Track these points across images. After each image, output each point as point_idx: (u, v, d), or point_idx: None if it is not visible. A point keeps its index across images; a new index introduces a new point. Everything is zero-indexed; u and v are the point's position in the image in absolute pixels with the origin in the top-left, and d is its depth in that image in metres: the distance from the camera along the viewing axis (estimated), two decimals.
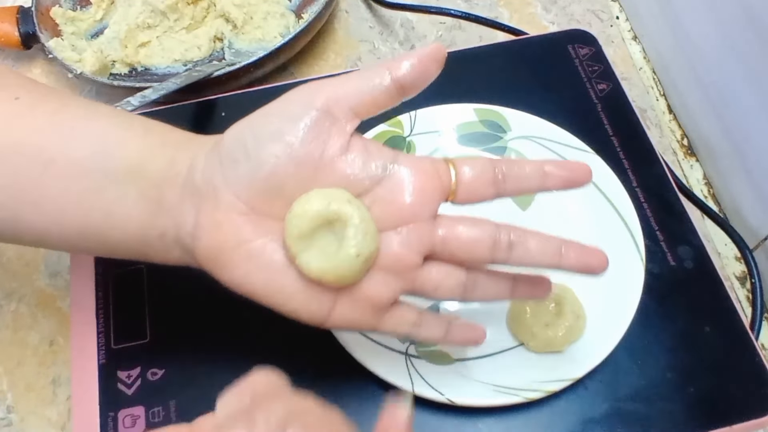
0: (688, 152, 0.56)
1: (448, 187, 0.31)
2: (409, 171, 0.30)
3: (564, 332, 0.38)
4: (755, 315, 0.44)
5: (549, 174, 0.32)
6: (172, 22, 0.59)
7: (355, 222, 0.29)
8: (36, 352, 0.47)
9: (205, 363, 0.41)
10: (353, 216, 0.29)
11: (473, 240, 0.31)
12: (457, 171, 0.31)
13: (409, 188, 0.30)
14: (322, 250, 0.29)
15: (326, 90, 0.30)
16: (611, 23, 0.62)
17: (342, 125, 0.30)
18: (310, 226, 0.29)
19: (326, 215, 0.29)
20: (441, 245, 0.31)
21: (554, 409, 0.38)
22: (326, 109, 0.29)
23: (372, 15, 0.63)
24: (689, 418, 0.38)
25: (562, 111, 0.48)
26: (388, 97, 0.30)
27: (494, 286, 0.33)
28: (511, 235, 0.31)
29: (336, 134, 0.30)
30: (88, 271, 0.44)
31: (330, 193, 0.29)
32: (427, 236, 0.31)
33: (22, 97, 0.32)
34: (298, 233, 0.29)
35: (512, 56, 0.52)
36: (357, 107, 0.30)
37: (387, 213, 0.30)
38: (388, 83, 0.30)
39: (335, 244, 0.29)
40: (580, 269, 0.32)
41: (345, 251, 0.29)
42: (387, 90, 0.30)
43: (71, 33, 0.59)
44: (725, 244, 0.51)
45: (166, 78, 0.53)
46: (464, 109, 0.48)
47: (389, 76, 0.30)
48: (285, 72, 0.59)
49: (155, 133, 0.33)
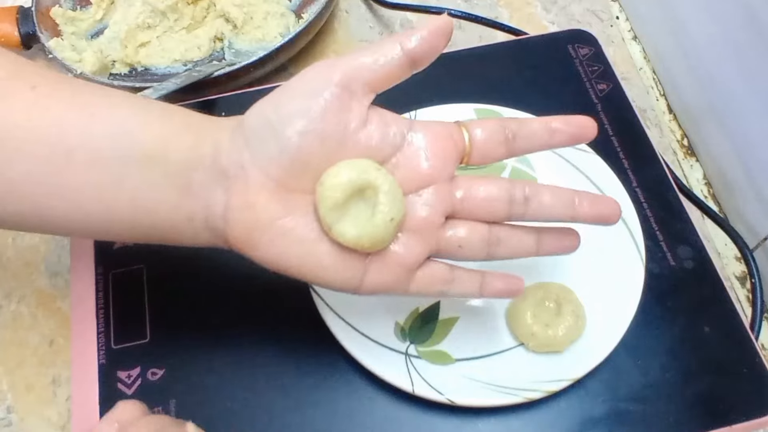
0: (688, 152, 0.56)
1: (462, 149, 0.32)
2: (425, 136, 0.32)
3: (564, 332, 0.38)
4: (755, 315, 0.44)
5: (556, 130, 0.33)
6: (172, 22, 0.59)
7: (385, 189, 0.30)
8: (36, 352, 0.47)
9: (205, 363, 0.41)
10: (383, 183, 0.30)
11: (491, 197, 0.32)
12: (469, 133, 0.32)
13: (427, 153, 0.32)
14: (356, 218, 0.30)
15: (342, 66, 0.31)
16: (611, 23, 0.62)
17: (360, 99, 0.31)
18: (342, 196, 0.30)
19: (357, 184, 0.30)
20: (460, 204, 0.32)
21: (554, 409, 0.38)
22: (344, 84, 0.30)
23: (372, 15, 0.63)
24: (689, 418, 0.38)
25: (562, 111, 0.47)
26: (400, 70, 0.31)
27: (519, 240, 0.33)
28: (526, 190, 0.33)
29: (356, 108, 0.31)
30: (88, 271, 0.44)
31: (357, 163, 0.30)
32: (447, 196, 0.32)
33: (39, 86, 0.32)
34: (332, 204, 0.30)
35: (512, 56, 0.52)
36: (372, 81, 0.31)
37: (408, 178, 0.31)
38: (400, 56, 0.31)
39: (368, 211, 0.30)
40: (594, 219, 0.33)
41: (380, 217, 0.30)
42: (399, 63, 0.31)
43: (71, 33, 0.59)
44: (725, 244, 0.51)
45: (166, 78, 0.53)
46: (464, 109, 0.48)
47: (400, 49, 0.31)
48: (285, 72, 0.59)
49: (175, 117, 0.33)
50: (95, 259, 0.44)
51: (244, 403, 0.39)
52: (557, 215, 0.33)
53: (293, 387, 0.39)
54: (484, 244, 0.33)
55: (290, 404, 0.39)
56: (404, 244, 0.31)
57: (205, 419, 0.38)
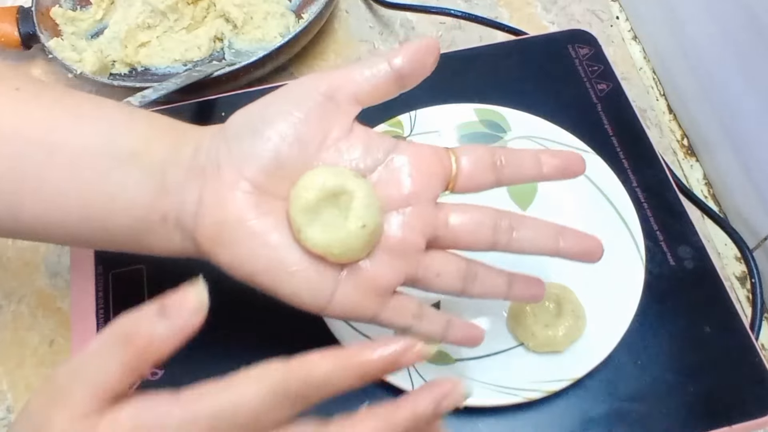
0: (688, 152, 0.56)
1: (449, 173, 0.32)
2: (410, 156, 0.31)
3: (564, 332, 0.38)
4: (755, 315, 0.44)
5: (545, 163, 0.33)
6: (172, 22, 0.59)
7: (360, 195, 0.29)
8: (36, 352, 0.47)
9: (205, 363, 0.40)
10: (358, 189, 0.29)
11: (476, 223, 0.32)
12: (457, 159, 0.32)
13: (410, 171, 0.31)
14: (327, 224, 0.29)
15: (329, 78, 0.31)
16: (611, 23, 0.62)
17: (345, 110, 0.31)
18: (315, 198, 0.29)
19: (332, 188, 0.29)
20: (444, 229, 0.32)
21: (554, 409, 0.38)
22: (330, 94, 0.30)
23: (372, 15, 0.63)
24: (689, 418, 0.38)
25: (562, 111, 0.48)
26: (388, 86, 0.31)
27: (493, 280, 0.33)
28: (511, 221, 0.32)
29: (339, 118, 0.31)
30: (88, 271, 0.44)
31: (336, 168, 0.30)
32: (429, 219, 0.31)
33: (22, 88, 0.32)
34: (304, 205, 0.29)
35: (512, 56, 0.52)
36: (359, 94, 0.31)
37: (389, 194, 0.31)
38: (387, 71, 0.31)
39: (340, 218, 0.29)
40: (577, 255, 0.33)
41: (351, 222, 0.29)
42: (386, 78, 0.31)
43: (71, 33, 0.59)
44: (725, 244, 0.51)
45: (166, 78, 0.53)
46: (464, 109, 0.48)
47: (387, 65, 0.31)
48: (285, 72, 0.59)
49: (161, 120, 0.33)
50: (95, 259, 0.44)
51: None
52: (540, 249, 0.33)
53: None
54: (461, 277, 0.32)
55: None
56: (380, 263, 0.30)
57: None
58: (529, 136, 0.47)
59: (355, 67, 0.31)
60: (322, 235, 0.29)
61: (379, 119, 0.47)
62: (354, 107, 0.31)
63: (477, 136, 0.47)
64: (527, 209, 0.45)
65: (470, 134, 0.47)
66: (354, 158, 0.31)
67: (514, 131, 0.47)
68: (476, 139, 0.47)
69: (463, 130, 0.47)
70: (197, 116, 0.50)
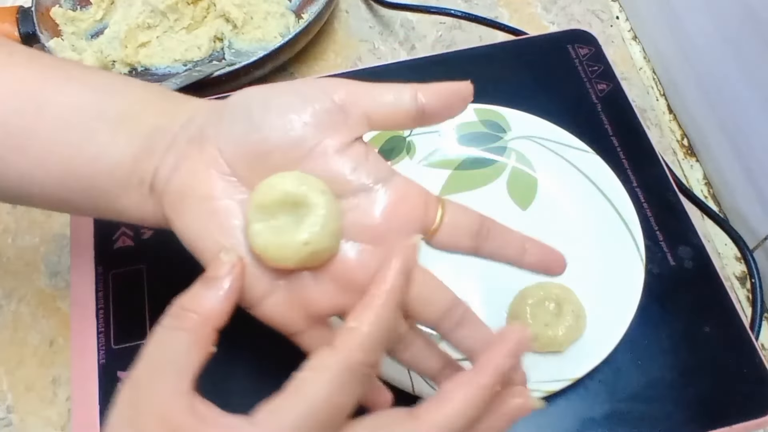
0: (688, 152, 0.56)
1: (430, 222, 0.30)
2: (396, 193, 0.30)
3: (564, 332, 0.38)
4: (755, 315, 0.44)
5: (527, 251, 0.31)
6: (172, 22, 0.59)
7: (318, 212, 0.28)
8: (36, 352, 0.47)
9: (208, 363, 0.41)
10: (320, 205, 0.28)
11: (434, 293, 0.30)
12: (444, 213, 0.30)
13: (390, 208, 0.29)
14: (277, 227, 0.28)
15: (348, 86, 0.30)
16: (611, 23, 0.62)
17: (351, 125, 0.29)
18: (274, 199, 0.28)
19: (294, 195, 0.28)
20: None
21: (554, 409, 0.38)
22: (342, 103, 0.29)
23: (372, 15, 0.63)
24: (689, 418, 0.38)
25: (562, 111, 0.48)
26: (406, 117, 0.30)
27: (426, 356, 0.31)
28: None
29: (342, 131, 0.29)
30: (88, 271, 0.44)
31: (308, 178, 0.28)
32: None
33: (16, 53, 0.32)
34: (260, 202, 0.28)
35: (512, 56, 0.52)
36: (372, 114, 0.29)
37: (358, 224, 0.29)
38: (410, 104, 0.29)
39: (292, 226, 0.28)
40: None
41: (297, 234, 0.28)
42: (406, 110, 0.29)
43: (71, 33, 0.59)
44: (725, 244, 0.51)
45: (166, 78, 0.53)
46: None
47: (413, 96, 0.29)
48: (285, 72, 0.59)
49: (157, 89, 0.33)
50: (95, 259, 0.44)
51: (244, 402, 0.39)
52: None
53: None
54: (394, 340, 0.30)
55: None
56: (320, 288, 0.29)
57: None
58: (529, 136, 0.47)
59: (379, 87, 0.30)
60: (265, 236, 0.28)
61: None
62: (362, 126, 0.30)
63: (477, 136, 0.47)
64: (527, 209, 0.44)
65: (470, 134, 0.47)
66: (338, 174, 0.29)
67: (514, 131, 0.47)
68: (476, 139, 0.47)
69: (463, 130, 0.47)
70: None
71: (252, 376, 0.40)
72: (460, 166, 0.46)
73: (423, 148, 0.47)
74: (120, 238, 0.45)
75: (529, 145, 0.46)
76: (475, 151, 0.47)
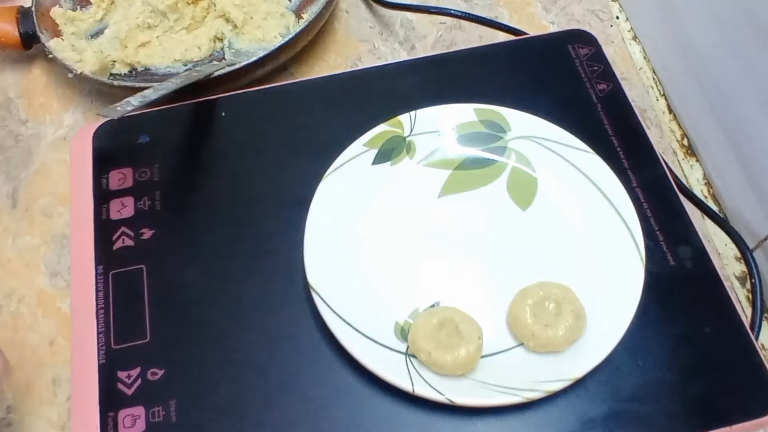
0: (688, 152, 0.56)
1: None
2: None
3: (564, 332, 0.38)
4: (755, 315, 0.44)
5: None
6: (172, 22, 0.59)
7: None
8: (36, 352, 0.47)
9: (205, 363, 0.41)
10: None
11: None
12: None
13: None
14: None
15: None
16: (611, 23, 0.62)
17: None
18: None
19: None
20: None
21: (554, 409, 0.38)
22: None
23: (372, 15, 0.63)
24: (689, 418, 0.38)
25: (562, 111, 0.48)
26: None
27: None
28: None
29: None
30: (88, 271, 0.44)
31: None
32: None
33: None
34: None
35: (512, 56, 0.52)
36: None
37: None
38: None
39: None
40: None
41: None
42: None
43: (71, 33, 0.59)
44: (725, 244, 0.51)
45: (166, 78, 0.53)
46: (464, 109, 0.48)
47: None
48: (285, 72, 0.59)
49: None
50: (95, 259, 0.44)
51: (244, 402, 0.39)
52: None
53: (293, 387, 0.39)
54: None
55: (290, 404, 0.39)
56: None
57: (205, 419, 0.39)
58: (529, 136, 0.47)
59: None
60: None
61: (379, 119, 0.47)
62: None
63: (477, 136, 0.47)
64: (527, 209, 0.44)
65: (470, 134, 0.47)
66: None
67: (514, 131, 0.47)
68: (476, 139, 0.47)
69: (463, 130, 0.47)
70: (197, 116, 0.50)
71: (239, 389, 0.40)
72: (460, 166, 0.46)
73: (423, 148, 0.47)
74: (120, 238, 0.45)
75: (529, 145, 0.46)
76: (475, 151, 0.47)
